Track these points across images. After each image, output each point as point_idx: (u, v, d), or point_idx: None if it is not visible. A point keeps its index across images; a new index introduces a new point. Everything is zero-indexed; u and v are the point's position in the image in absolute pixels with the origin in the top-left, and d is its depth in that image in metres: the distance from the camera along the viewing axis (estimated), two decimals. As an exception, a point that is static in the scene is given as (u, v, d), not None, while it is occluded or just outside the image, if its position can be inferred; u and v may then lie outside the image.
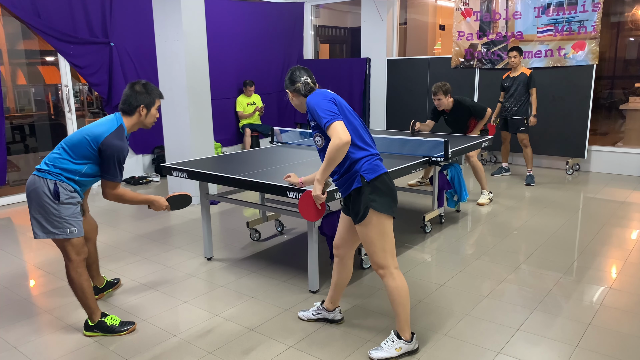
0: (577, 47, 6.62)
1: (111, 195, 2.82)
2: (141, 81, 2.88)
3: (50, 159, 2.74)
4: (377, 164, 2.46)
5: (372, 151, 2.49)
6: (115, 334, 2.86)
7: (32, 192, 2.71)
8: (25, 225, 5.07)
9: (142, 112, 2.84)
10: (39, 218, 2.71)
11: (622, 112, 7.57)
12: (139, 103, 2.82)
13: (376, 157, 2.49)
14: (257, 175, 3.42)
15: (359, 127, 2.50)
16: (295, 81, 2.53)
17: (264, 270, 3.75)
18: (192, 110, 5.43)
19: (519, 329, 2.85)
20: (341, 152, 2.30)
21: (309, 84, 2.54)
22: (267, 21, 8.49)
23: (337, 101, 2.46)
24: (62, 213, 2.70)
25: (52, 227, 2.70)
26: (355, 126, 2.47)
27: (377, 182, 2.42)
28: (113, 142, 2.70)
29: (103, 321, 2.87)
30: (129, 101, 2.81)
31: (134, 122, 2.86)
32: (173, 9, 5.24)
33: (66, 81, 6.25)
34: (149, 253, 4.15)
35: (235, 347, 2.71)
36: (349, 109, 2.51)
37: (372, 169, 2.43)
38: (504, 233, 4.48)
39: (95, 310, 2.87)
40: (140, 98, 2.81)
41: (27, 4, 5.64)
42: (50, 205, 2.68)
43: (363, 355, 2.62)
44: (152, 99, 2.86)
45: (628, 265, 3.73)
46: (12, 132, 6.29)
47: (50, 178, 2.68)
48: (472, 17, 7.42)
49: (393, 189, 2.49)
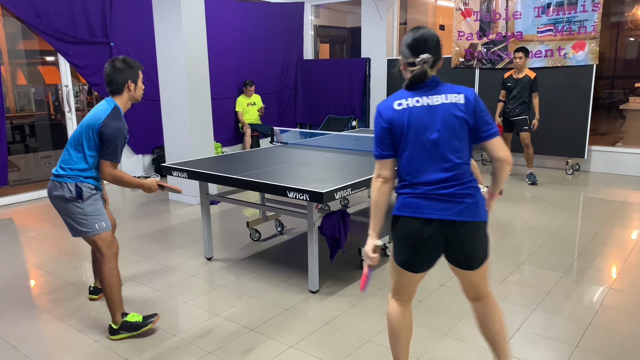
0: (577, 47, 6.62)
1: (109, 175, 2.79)
2: (119, 57, 2.84)
3: (64, 161, 2.77)
4: (409, 202, 1.96)
5: (413, 183, 1.96)
6: (142, 329, 2.84)
7: (54, 198, 2.76)
8: (25, 225, 5.07)
9: (130, 87, 2.83)
10: (67, 220, 2.79)
11: (622, 112, 7.56)
12: (125, 80, 2.81)
13: (414, 194, 1.95)
14: (257, 175, 3.42)
15: (419, 151, 1.94)
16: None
17: (264, 270, 3.75)
18: (192, 110, 5.43)
19: (519, 329, 2.84)
20: (378, 194, 1.98)
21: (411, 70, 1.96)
22: (267, 21, 8.49)
23: (394, 123, 1.95)
24: (86, 211, 2.74)
25: (81, 227, 2.76)
26: (411, 153, 1.95)
27: (395, 223, 2.03)
28: (111, 122, 2.70)
29: (126, 321, 2.85)
30: (115, 80, 2.80)
31: (126, 100, 2.85)
32: (173, 9, 5.24)
33: (66, 81, 6.25)
34: (149, 253, 4.15)
35: (235, 347, 2.71)
36: (418, 127, 1.93)
37: (398, 205, 2.02)
38: (504, 233, 4.48)
39: (119, 308, 2.85)
40: (125, 74, 2.80)
41: (27, 4, 5.64)
42: (74, 206, 2.73)
43: (363, 355, 2.62)
44: (135, 72, 2.85)
45: (628, 265, 3.73)
46: (12, 132, 6.29)
47: (69, 181, 2.72)
48: (472, 17, 7.42)
49: (409, 237, 1.97)
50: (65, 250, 4.25)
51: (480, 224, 1.96)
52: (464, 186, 1.93)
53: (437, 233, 1.93)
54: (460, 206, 1.91)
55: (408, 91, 1.98)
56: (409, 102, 1.95)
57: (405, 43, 1.98)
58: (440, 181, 1.92)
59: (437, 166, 1.93)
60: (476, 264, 2.02)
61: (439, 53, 1.99)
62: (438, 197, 1.92)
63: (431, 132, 1.92)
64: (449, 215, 1.91)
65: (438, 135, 1.91)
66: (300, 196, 2.98)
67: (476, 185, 1.98)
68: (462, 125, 1.92)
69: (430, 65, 1.94)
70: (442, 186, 1.92)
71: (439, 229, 1.92)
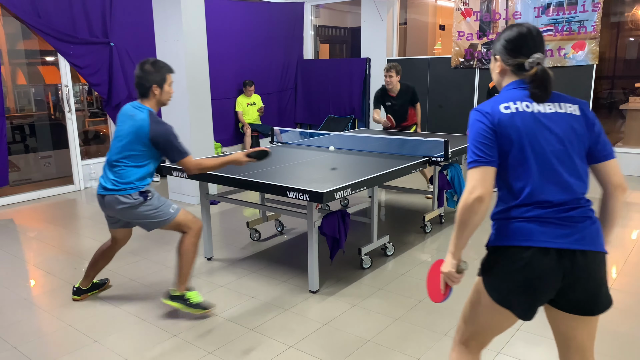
0: (577, 47, 6.62)
1: (192, 169, 2.90)
2: (149, 60, 2.88)
3: (120, 177, 2.83)
4: (516, 228, 1.60)
5: (522, 204, 1.61)
6: (194, 310, 2.99)
7: (120, 210, 2.85)
8: (25, 225, 5.07)
9: (155, 91, 2.86)
10: (141, 222, 2.90)
11: (622, 112, 7.56)
12: (150, 83, 2.84)
13: (525, 218, 1.60)
14: (257, 175, 3.42)
15: (537, 162, 1.59)
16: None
17: (264, 270, 3.75)
18: (192, 110, 5.43)
19: (519, 329, 2.84)
20: (470, 213, 1.59)
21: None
22: (267, 21, 8.49)
23: (502, 126, 1.59)
24: (155, 205, 2.86)
25: (159, 219, 2.90)
26: (529, 164, 1.59)
27: (495, 255, 1.65)
28: (157, 128, 2.78)
29: (186, 295, 2.99)
30: (141, 83, 2.84)
31: (153, 103, 2.89)
32: (173, 9, 5.24)
33: (66, 81, 6.25)
34: (149, 253, 4.15)
35: (235, 347, 2.71)
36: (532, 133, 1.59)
37: (500, 232, 1.66)
38: (504, 233, 4.47)
39: (186, 282, 3.00)
40: (151, 77, 2.83)
41: (27, 4, 5.64)
42: (144, 207, 2.83)
43: (363, 355, 2.62)
44: (162, 75, 2.87)
45: (628, 265, 3.73)
46: (12, 132, 6.29)
47: (132, 191, 2.82)
48: (472, 17, 7.42)
49: (518, 272, 1.58)
50: (65, 250, 4.25)
51: (602, 255, 1.61)
52: (583, 209, 1.61)
53: (557, 267, 1.55)
54: (581, 233, 1.57)
55: (513, 94, 1.65)
56: (518, 106, 1.61)
57: (508, 40, 1.66)
58: (560, 204, 1.59)
59: (553, 189, 1.59)
60: (598, 308, 1.62)
61: (544, 51, 1.67)
62: (556, 222, 1.57)
63: (547, 145, 1.58)
64: (568, 243, 1.55)
65: (553, 150, 1.58)
66: (300, 196, 2.98)
67: (594, 209, 1.65)
68: (580, 139, 1.62)
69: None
70: (562, 209, 1.58)
71: (557, 261, 1.55)
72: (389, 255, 3.97)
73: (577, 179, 1.62)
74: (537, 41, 1.64)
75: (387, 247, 3.95)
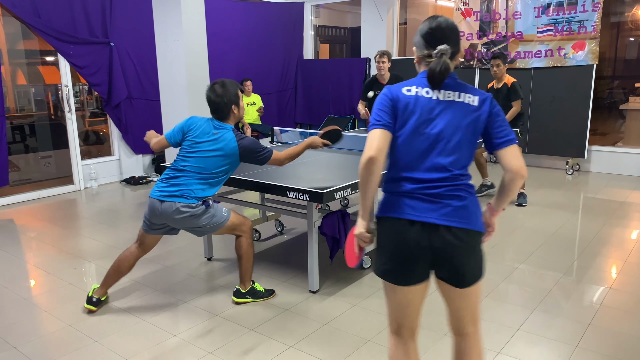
0: (577, 47, 6.62)
1: (281, 163, 3.05)
2: (217, 82, 2.99)
3: (193, 191, 2.90)
4: (393, 201, 1.78)
5: (400, 178, 1.78)
6: (263, 298, 3.22)
7: (182, 219, 2.91)
8: (25, 225, 5.07)
9: (234, 111, 3.02)
10: (199, 230, 3.00)
11: (622, 112, 7.56)
12: (230, 105, 2.98)
13: (399, 192, 1.77)
14: (257, 175, 3.42)
15: (425, 144, 1.74)
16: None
17: (264, 270, 3.75)
18: (192, 110, 5.42)
19: (519, 329, 2.85)
20: (366, 173, 1.71)
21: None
22: (267, 21, 8.49)
23: (399, 102, 1.76)
24: (212, 212, 2.97)
25: (216, 223, 2.99)
26: (408, 142, 1.76)
27: (380, 224, 1.82)
28: (242, 142, 2.93)
29: (254, 287, 3.22)
30: (220, 109, 2.98)
31: (233, 122, 3.06)
32: (173, 9, 5.24)
33: (66, 81, 6.25)
34: (149, 253, 4.14)
35: (235, 347, 2.71)
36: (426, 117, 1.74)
37: (381, 203, 1.83)
38: (504, 233, 4.48)
39: (250, 277, 3.20)
40: (228, 99, 2.97)
41: (27, 4, 5.64)
42: (205, 214, 2.93)
43: (363, 355, 2.62)
44: (235, 94, 3.00)
45: (628, 265, 3.73)
46: (12, 132, 6.29)
47: (196, 202, 2.90)
48: (472, 17, 7.42)
49: (392, 242, 1.77)
50: (65, 250, 4.25)
51: (471, 232, 1.73)
52: (453, 188, 1.72)
53: (421, 238, 1.71)
54: (446, 209, 1.70)
55: (418, 81, 1.80)
56: (418, 90, 1.76)
57: (421, 33, 1.79)
58: (431, 180, 1.72)
59: (432, 169, 1.73)
60: (465, 281, 1.78)
61: (458, 44, 1.79)
62: (423, 197, 1.72)
63: (434, 127, 1.72)
64: (434, 218, 1.70)
65: (439, 131, 1.72)
66: (300, 196, 2.98)
67: (471, 190, 1.78)
68: (470, 129, 1.74)
69: (449, 58, 1.72)
70: (431, 186, 1.72)
71: (421, 233, 1.71)
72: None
73: (455, 161, 1.74)
74: (446, 34, 1.76)
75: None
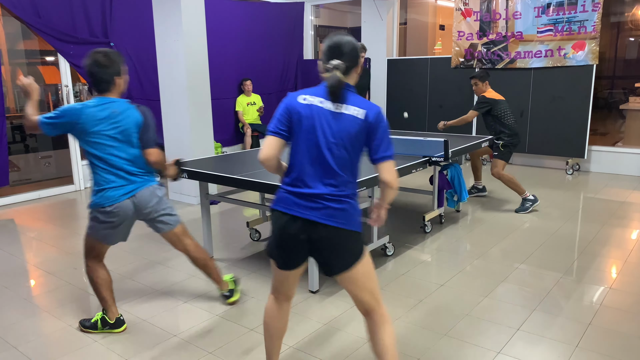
0: (577, 47, 6.62)
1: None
2: (99, 52, 2.71)
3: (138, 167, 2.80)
4: (283, 197, 2.02)
5: (293, 180, 2.00)
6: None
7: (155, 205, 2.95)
8: (25, 225, 5.07)
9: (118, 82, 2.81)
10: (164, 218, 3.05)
11: (622, 112, 7.57)
12: (112, 77, 2.75)
13: (289, 191, 2.00)
14: (257, 175, 3.42)
15: (308, 150, 1.96)
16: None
17: (264, 270, 3.75)
18: (192, 110, 5.43)
19: (519, 329, 2.85)
20: (266, 169, 2.07)
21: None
22: (267, 21, 8.49)
23: (293, 111, 1.97)
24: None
25: (174, 211, 3.03)
26: (300, 149, 1.98)
27: (271, 214, 2.09)
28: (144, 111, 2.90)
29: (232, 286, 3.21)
30: (105, 79, 2.72)
31: (117, 95, 2.85)
32: (173, 9, 5.24)
33: (66, 81, 6.25)
34: (149, 253, 4.15)
35: (235, 347, 2.71)
36: (314, 126, 1.95)
37: (275, 197, 2.07)
38: (504, 233, 4.48)
39: (222, 278, 3.16)
40: (111, 71, 2.72)
41: (27, 4, 5.64)
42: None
43: (363, 355, 2.62)
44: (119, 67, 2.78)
45: (628, 265, 3.73)
46: (12, 132, 6.29)
47: (152, 184, 2.89)
48: (472, 17, 7.42)
49: (276, 231, 2.04)
50: (65, 250, 4.25)
51: (344, 231, 1.95)
52: (336, 192, 1.95)
53: (302, 232, 1.96)
54: (326, 210, 1.94)
55: (316, 90, 2.00)
56: (312, 100, 1.97)
57: (323, 49, 2.00)
58: (318, 185, 1.96)
59: (318, 173, 1.95)
60: (333, 271, 2.03)
61: (355, 60, 1.99)
62: (307, 197, 1.96)
63: (323, 137, 1.93)
64: (314, 216, 1.94)
65: (326, 142, 1.92)
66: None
67: (352, 199, 2.00)
68: (355, 140, 1.93)
69: (343, 72, 1.93)
70: (316, 189, 1.95)
71: (302, 228, 1.96)
72: (388, 255, 3.97)
73: (339, 167, 1.94)
74: (341, 50, 1.94)
75: (387, 247, 3.95)
